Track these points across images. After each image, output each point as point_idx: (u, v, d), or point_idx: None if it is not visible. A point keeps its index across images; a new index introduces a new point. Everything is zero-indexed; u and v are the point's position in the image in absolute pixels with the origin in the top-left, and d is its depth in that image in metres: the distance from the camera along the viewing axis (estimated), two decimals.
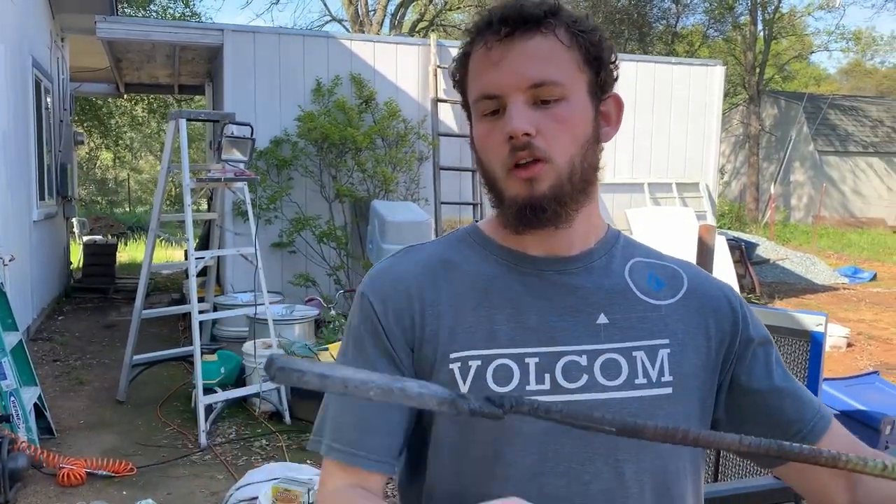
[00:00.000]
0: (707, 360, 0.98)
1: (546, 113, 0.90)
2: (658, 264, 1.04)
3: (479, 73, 0.94)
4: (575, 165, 0.93)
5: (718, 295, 1.02)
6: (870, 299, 10.18)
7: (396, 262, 1.02)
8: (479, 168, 0.98)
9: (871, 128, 23.03)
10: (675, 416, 0.95)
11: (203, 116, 5.63)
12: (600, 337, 0.95)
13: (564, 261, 0.98)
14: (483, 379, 0.92)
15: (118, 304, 9.16)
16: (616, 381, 0.93)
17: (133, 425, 4.97)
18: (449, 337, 0.94)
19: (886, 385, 5.00)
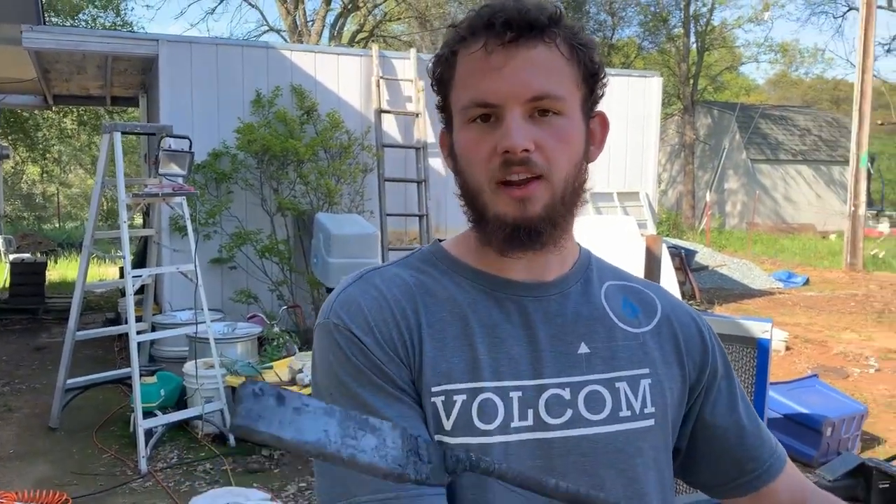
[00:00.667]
0: (682, 391, 0.96)
1: (544, 127, 0.85)
2: (630, 287, 1.01)
3: (473, 77, 0.86)
4: (568, 185, 0.87)
5: (690, 323, 1.00)
6: (804, 303, 10.50)
7: (363, 287, 0.91)
8: (458, 179, 0.91)
9: (800, 136, 23.93)
10: (657, 448, 0.92)
11: (139, 129, 5.44)
12: (582, 368, 0.90)
13: (542, 287, 0.93)
14: (468, 414, 0.85)
15: (48, 325, 8.78)
16: (601, 415, 0.89)
17: (67, 453, 4.73)
18: (431, 368, 0.86)
19: (826, 388, 5.13)
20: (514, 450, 0.85)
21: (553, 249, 0.90)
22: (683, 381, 0.96)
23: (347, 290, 0.91)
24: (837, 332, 8.45)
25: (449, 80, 0.89)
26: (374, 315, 0.87)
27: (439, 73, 0.90)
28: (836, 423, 4.60)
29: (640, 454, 0.90)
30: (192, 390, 5.03)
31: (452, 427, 0.85)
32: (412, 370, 0.86)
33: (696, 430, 0.98)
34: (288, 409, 0.56)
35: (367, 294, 0.89)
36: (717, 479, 1.01)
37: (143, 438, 4.44)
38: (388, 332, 0.86)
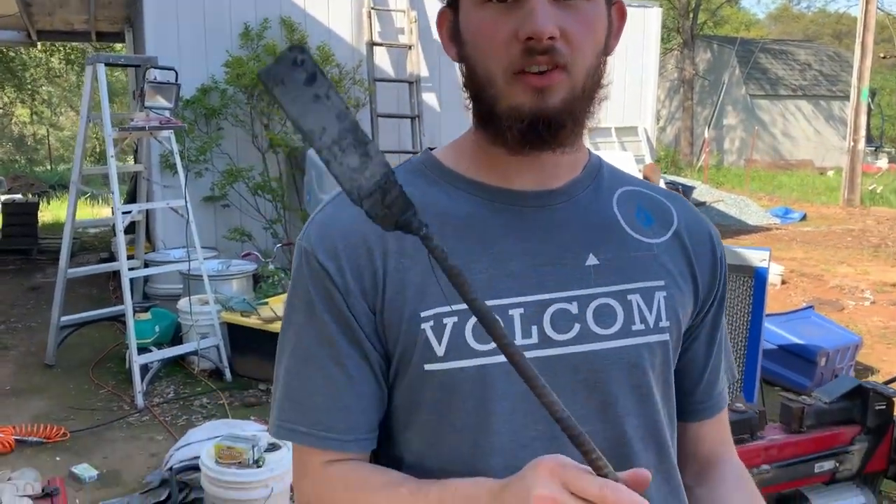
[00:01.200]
0: (692, 308, 0.91)
1: (569, 12, 0.75)
2: (645, 195, 0.93)
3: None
4: (589, 78, 0.79)
5: (706, 240, 0.93)
6: (800, 238, 10.49)
7: (340, 207, 0.84)
8: (464, 67, 0.82)
9: (800, 71, 23.57)
10: (668, 364, 0.87)
11: (123, 61, 5.28)
12: (591, 280, 0.83)
13: (547, 194, 0.86)
14: (462, 336, 0.79)
15: (43, 266, 8.75)
16: (611, 329, 0.83)
17: (64, 389, 4.74)
18: (417, 292, 0.80)
19: (821, 319, 5.15)
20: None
21: (569, 150, 0.82)
22: (695, 298, 0.90)
23: (325, 209, 0.86)
24: (833, 267, 8.45)
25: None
26: (345, 241, 0.82)
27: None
28: (830, 353, 4.62)
29: (654, 370, 0.85)
30: (187, 327, 5.02)
31: (445, 352, 0.79)
32: (382, 302, 0.81)
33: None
34: (310, 92, 0.58)
35: (343, 214, 0.83)
36: None
37: (138, 374, 4.45)
38: (356, 260, 0.81)
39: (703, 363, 0.95)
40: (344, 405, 0.81)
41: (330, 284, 0.81)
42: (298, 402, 0.82)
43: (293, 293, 0.85)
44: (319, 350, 0.82)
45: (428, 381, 0.80)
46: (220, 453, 2.93)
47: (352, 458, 0.83)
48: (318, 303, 0.81)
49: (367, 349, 0.82)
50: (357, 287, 0.80)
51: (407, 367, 0.81)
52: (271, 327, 4.67)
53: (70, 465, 3.64)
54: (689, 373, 0.95)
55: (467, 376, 0.79)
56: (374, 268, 0.81)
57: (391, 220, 0.61)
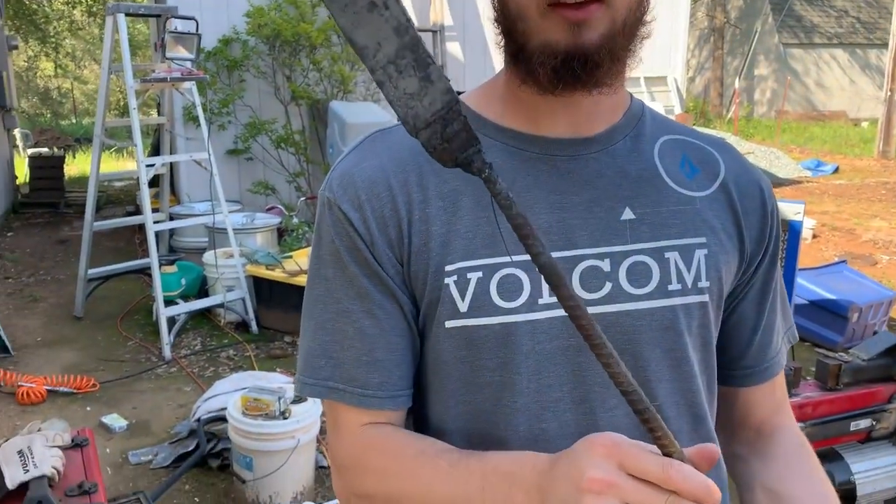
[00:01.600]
0: (738, 266, 0.84)
1: None
2: (690, 144, 0.86)
3: None
4: (630, 12, 0.71)
5: (755, 193, 0.85)
6: (832, 191, 10.26)
7: (363, 155, 0.81)
8: (495, 1, 0.75)
9: (836, 18, 22.78)
10: (708, 327, 0.81)
11: (143, 11, 5.21)
12: (626, 236, 0.78)
13: (581, 142, 0.79)
14: (486, 293, 0.75)
15: (70, 219, 8.83)
16: (645, 289, 0.77)
17: (93, 341, 4.81)
18: (442, 245, 0.76)
19: (854, 273, 5.04)
20: (542, 328, 0.75)
21: (608, 91, 0.75)
22: (741, 255, 0.83)
23: (347, 158, 0.82)
24: (866, 220, 8.27)
25: None
26: (368, 190, 0.78)
27: None
28: (862, 308, 4.53)
29: (690, 333, 0.79)
30: (212, 279, 5.04)
31: (469, 308, 0.75)
32: (408, 252, 0.77)
33: (725, 308, 0.87)
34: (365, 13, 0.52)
35: (366, 163, 0.79)
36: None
37: (165, 326, 4.48)
38: (381, 210, 0.77)
39: (754, 324, 0.88)
40: (377, 359, 0.78)
41: (355, 235, 0.77)
42: (330, 356, 0.79)
43: (318, 245, 0.81)
44: (349, 302, 0.78)
45: (451, 337, 0.77)
46: (246, 405, 2.95)
47: (388, 417, 0.80)
48: (345, 253, 0.78)
49: (399, 298, 0.78)
50: (382, 237, 0.77)
51: (431, 323, 0.78)
52: (296, 280, 4.68)
53: (100, 415, 3.70)
54: (738, 334, 0.89)
55: (491, 333, 0.75)
56: (398, 217, 0.77)
57: (451, 156, 0.55)
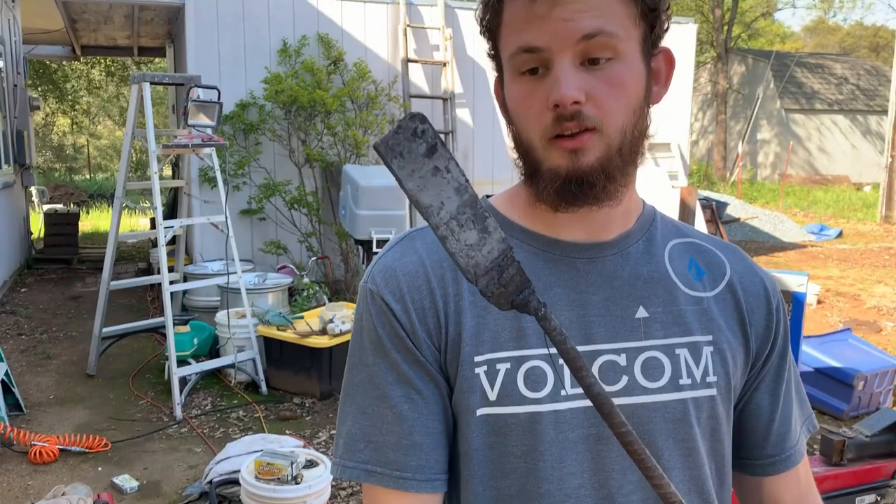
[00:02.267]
0: (745, 361, 0.91)
1: (597, 75, 0.78)
2: (698, 246, 0.93)
3: (518, 24, 0.80)
4: (626, 135, 0.80)
5: (759, 292, 0.92)
6: (836, 256, 10.34)
7: (403, 251, 0.88)
8: (511, 133, 0.86)
9: (836, 85, 23.25)
10: (717, 418, 0.88)
11: (168, 80, 5.40)
12: (640, 333, 0.85)
13: (599, 246, 0.87)
14: (514, 384, 0.82)
15: (83, 275, 8.94)
16: (659, 383, 0.84)
17: (105, 399, 4.85)
18: (473, 337, 0.83)
19: (859, 341, 5.08)
20: (565, 418, 0.82)
21: (610, 204, 0.84)
22: (747, 351, 0.90)
23: (388, 254, 0.89)
24: (870, 286, 8.33)
25: (497, 28, 0.83)
26: (409, 283, 0.85)
27: (487, 20, 0.85)
28: (868, 377, 4.56)
29: (700, 424, 0.86)
30: (224, 339, 5.11)
31: (497, 397, 0.82)
32: (444, 342, 0.84)
33: (738, 400, 0.93)
34: (429, 164, 0.58)
35: (406, 259, 0.87)
36: (733, 451, 0.96)
37: (177, 386, 4.54)
38: (421, 302, 0.84)
39: (769, 415, 0.94)
40: (415, 442, 0.83)
41: (397, 324, 0.84)
42: (370, 440, 0.85)
43: (359, 333, 0.88)
44: (389, 388, 0.84)
45: (480, 424, 0.83)
46: (259, 468, 2.99)
47: (425, 501, 0.84)
48: (387, 341, 0.84)
49: (438, 384, 0.85)
50: (422, 327, 0.84)
51: (462, 410, 0.84)
52: (307, 342, 4.74)
53: (111, 475, 3.72)
54: (754, 425, 0.94)
55: (518, 422, 0.82)
56: (436, 309, 0.84)
57: (506, 299, 0.61)
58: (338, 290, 6.89)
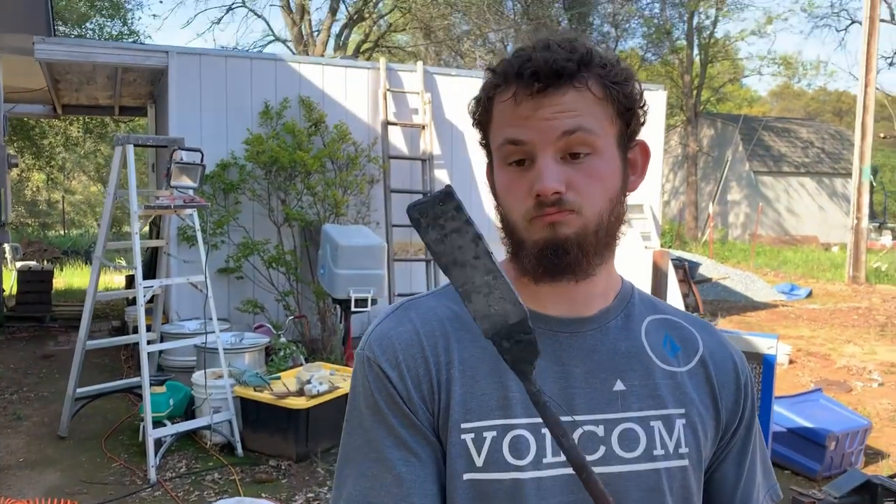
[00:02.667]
0: (715, 433, 0.97)
1: (577, 168, 0.87)
2: (673, 323, 1.00)
3: (505, 121, 0.89)
4: (602, 219, 0.89)
5: (729, 369, 0.99)
6: (807, 316, 10.53)
7: (399, 321, 0.95)
8: (498, 213, 0.94)
9: (803, 149, 23.99)
10: (689, 488, 0.93)
11: (152, 142, 5.48)
12: (617, 405, 0.91)
13: (580, 322, 0.94)
14: (499, 451, 0.88)
15: (55, 333, 8.83)
16: (634, 453, 0.90)
17: (77, 462, 4.77)
18: (462, 404, 0.89)
19: (830, 402, 5.16)
20: (547, 485, 0.87)
21: (587, 280, 0.91)
22: (717, 424, 0.96)
23: (384, 323, 0.95)
24: (840, 346, 8.48)
25: (487, 122, 0.92)
26: (405, 351, 0.91)
27: (479, 114, 0.93)
28: (839, 437, 4.63)
29: (672, 493, 0.91)
30: (200, 400, 5.06)
31: (483, 463, 0.87)
32: (437, 408, 0.89)
33: (707, 469, 0.99)
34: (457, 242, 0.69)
35: (402, 328, 0.93)
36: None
37: (152, 448, 4.48)
38: (416, 370, 0.90)
39: (734, 484, 1.00)
40: (413, 503, 0.88)
41: (393, 390, 0.89)
42: (369, 502, 0.88)
43: (357, 399, 0.93)
44: (388, 451, 0.89)
45: (466, 489, 0.88)
46: None
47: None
48: (384, 406, 0.89)
49: (433, 446, 0.90)
50: (417, 393, 0.89)
51: (449, 474, 0.89)
52: (284, 403, 4.72)
53: None
54: (720, 492, 1.00)
55: (502, 487, 0.87)
56: (430, 376, 0.90)
57: (518, 362, 0.70)
58: (315, 349, 6.87)
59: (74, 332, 8.50)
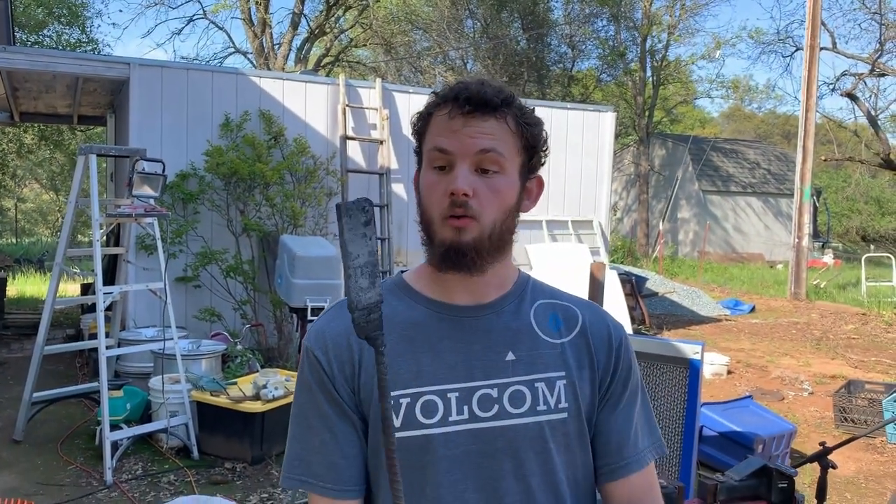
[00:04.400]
0: (592, 390, 1.19)
1: (484, 181, 1.09)
2: (559, 304, 1.24)
3: (438, 132, 1.12)
4: (496, 228, 1.11)
5: (603, 334, 1.21)
6: (748, 330, 10.97)
7: (333, 317, 1.18)
8: (419, 208, 1.16)
9: (750, 170, 24.81)
10: (569, 435, 1.16)
11: (114, 152, 5.60)
12: (509, 371, 1.13)
13: (480, 307, 1.17)
14: (413, 413, 1.11)
15: (8, 341, 8.78)
16: (522, 409, 1.12)
17: (33, 465, 4.84)
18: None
19: (759, 408, 5.49)
20: (453, 438, 1.11)
21: (483, 274, 1.15)
22: (593, 382, 1.18)
23: (322, 319, 1.21)
24: (777, 358, 8.88)
25: (424, 132, 1.16)
26: (334, 341, 1.14)
27: (419, 126, 1.17)
28: (766, 440, 4.93)
29: (555, 440, 1.14)
30: (157, 404, 5.17)
31: (401, 424, 1.09)
32: (358, 384, 1.12)
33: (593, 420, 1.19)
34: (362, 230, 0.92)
35: (335, 323, 1.17)
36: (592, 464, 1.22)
37: (109, 450, 4.58)
38: (341, 355, 1.13)
39: (611, 430, 1.20)
40: (333, 462, 1.13)
41: (322, 372, 1.14)
42: (302, 459, 1.15)
43: (299, 379, 1.19)
44: (316, 421, 1.15)
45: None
46: None
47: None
48: (314, 385, 1.14)
49: (351, 418, 1.14)
50: (341, 374, 1.13)
51: (375, 434, 1.14)
52: (240, 407, 4.87)
53: None
54: (600, 438, 1.21)
55: (416, 442, 1.11)
56: (352, 361, 1.13)
57: (364, 332, 0.91)
58: (271, 357, 7.01)
59: (28, 340, 8.50)
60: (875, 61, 18.53)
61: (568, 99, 22.54)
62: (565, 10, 23.74)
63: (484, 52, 22.09)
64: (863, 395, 6.21)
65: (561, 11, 24.02)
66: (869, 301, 13.80)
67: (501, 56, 21.75)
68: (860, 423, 5.93)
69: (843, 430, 5.93)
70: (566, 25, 23.32)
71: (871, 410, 5.92)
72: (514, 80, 21.47)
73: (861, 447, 5.58)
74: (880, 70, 18.62)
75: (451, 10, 21.97)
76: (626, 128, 25.05)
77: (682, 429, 3.76)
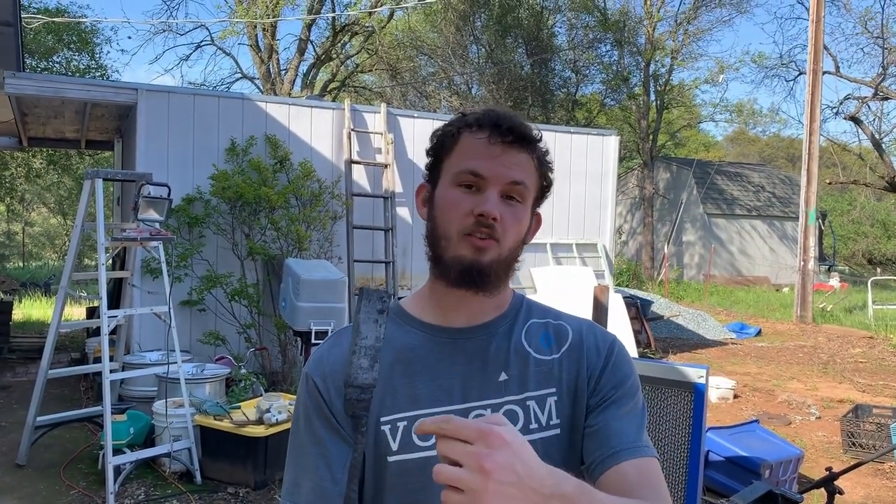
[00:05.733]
0: (583, 400, 1.20)
1: (509, 209, 1.14)
2: (551, 323, 1.26)
3: (472, 154, 1.14)
4: (510, 253, 1.15)
5: (592, 345, 1.22)
6: (754, 353, 10.91)
7: (333, 345, 1.21)
8: (429, 223, 1.19)
9: (754, 193, 24.82)
10: (563, 451, 1.17)
11: (120, 177, 5.65)
12: (502, 391, 1.15)
13: (474, 329, 1.20)
14: (409, 436, 1.13)
15: (13, 365, 8.79)
16: (515, 428, 1.14)
17: (35, 490, 4.83)
18: (380, 404, 1.13)
19: (765, 433, 5.45)
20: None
21: (488, 294, 1.17)
22: (585, 391, 1.19)
23: (322, 347, 1.24)
24: (784, 382, 8.83)
25: (449, 149, 1.18)
26: (332, 368, 1.17)
27: (444, 142, 1.19)
28: (773, 465, 4.89)
29: (549, 458, 1.10)
30: (160, 428, 5.16)
31: (398, 447, 1.12)
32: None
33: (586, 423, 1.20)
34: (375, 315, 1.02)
35: (334, 349, 1.20)
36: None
37: (111, 474, 4.57)
38: (338, 380, 1.15)
39: (599, 427, 1.18)
40: (323, 488, 1.13)
41: (319, 398, 1.16)
42: (296, 484, 1.16)
43: (297, 404, 1.21)
44: (310, 447, 1.16)
45: (387, 468, 1.14)
46: None
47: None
48: (312, 411, 1.16)
49: (347, 443, 1.15)
50: (338, 400, 1.15)
51: (372, 458, 1.15)
52: (243, 431, 4.86)
53: None
54: (589, 437, 1.19)
55: (414, 464, 1.13)
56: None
57: (353, 409, 0.98)
58: (275, 381, 7.00)
59: (33, 364, 8.50)
60: (878, 85, 18.62)
61: (572, 123, 22.68)
62: (569, 36, 23.97)
63: (488, 77, 22.26)
64: (871, 419, 6.16)
65: (565, 37, 24.25)
66: (876, 324, 13.72)
67: (506, 81, 21.91)
68: (868, 447, 5.88)
69: (852, 454, 5.87)
70: (570, 50, 23.51)
71: (879, 435, 5.87)
72: (519, 105, 21.62)
73: (869, 472, 5.53)
74: (883, 94, 18.70)
75: (456, 35, 22.18)
76: (630, 151, 25.14)
77: (688, 453, 3.73)
